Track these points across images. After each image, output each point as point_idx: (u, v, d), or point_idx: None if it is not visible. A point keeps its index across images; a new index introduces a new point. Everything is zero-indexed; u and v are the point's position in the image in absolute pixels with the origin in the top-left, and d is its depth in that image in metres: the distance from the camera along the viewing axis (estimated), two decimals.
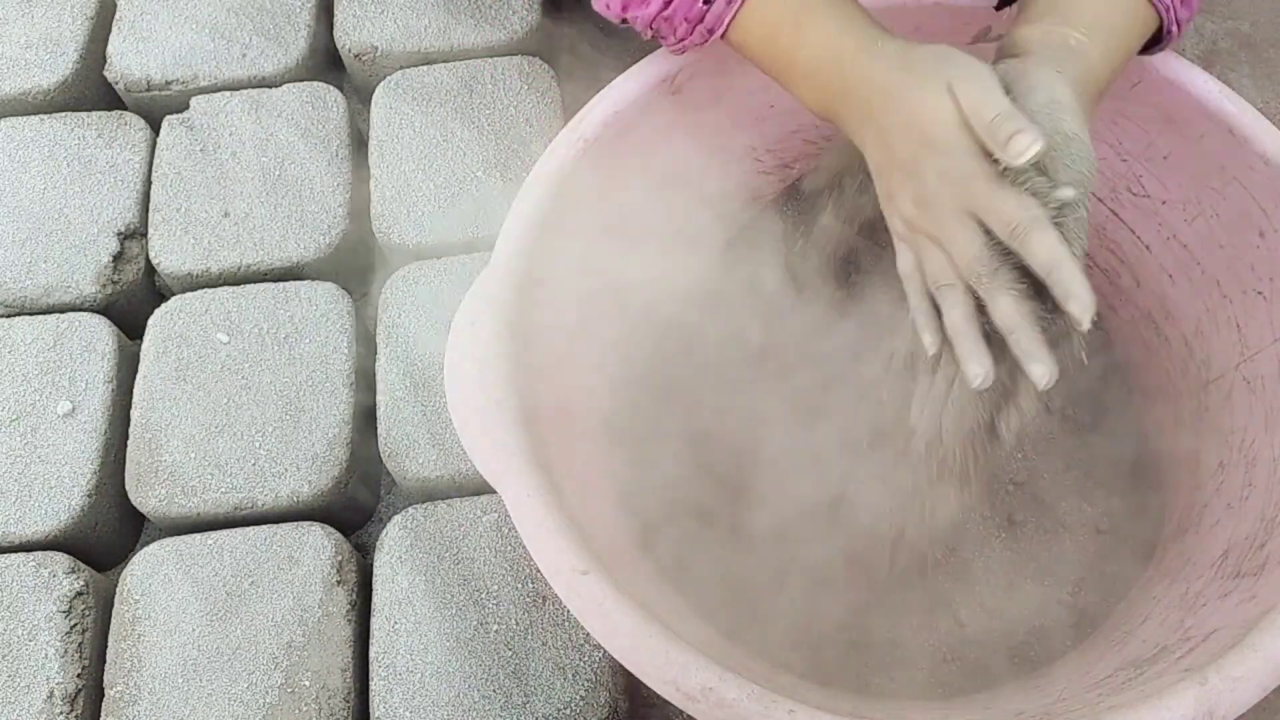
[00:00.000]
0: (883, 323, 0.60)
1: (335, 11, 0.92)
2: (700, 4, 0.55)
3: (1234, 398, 0.64)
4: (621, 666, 0.57)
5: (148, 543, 0.72)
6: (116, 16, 0.93)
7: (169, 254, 0.81)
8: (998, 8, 0.64)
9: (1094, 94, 0.53)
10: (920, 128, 0.49)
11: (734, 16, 0.55)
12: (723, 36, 0.56)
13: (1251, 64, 0.96)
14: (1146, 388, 0.71)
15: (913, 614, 0.65)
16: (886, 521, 0.64)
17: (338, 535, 0.70)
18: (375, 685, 0.64)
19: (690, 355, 0.74)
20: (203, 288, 0.79)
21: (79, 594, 0.68)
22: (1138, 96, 0.63)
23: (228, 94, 0.88)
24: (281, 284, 0.78)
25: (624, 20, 0.57)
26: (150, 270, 0.83)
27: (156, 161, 0.85)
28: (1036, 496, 0.69)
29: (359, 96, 0.94)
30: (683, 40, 0.57)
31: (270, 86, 0.88)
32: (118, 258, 0.82)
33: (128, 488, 0.72)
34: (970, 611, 0.65)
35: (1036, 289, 0.48)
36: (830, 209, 0.66)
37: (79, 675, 0.65)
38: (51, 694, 0.64)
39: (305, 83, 0.88)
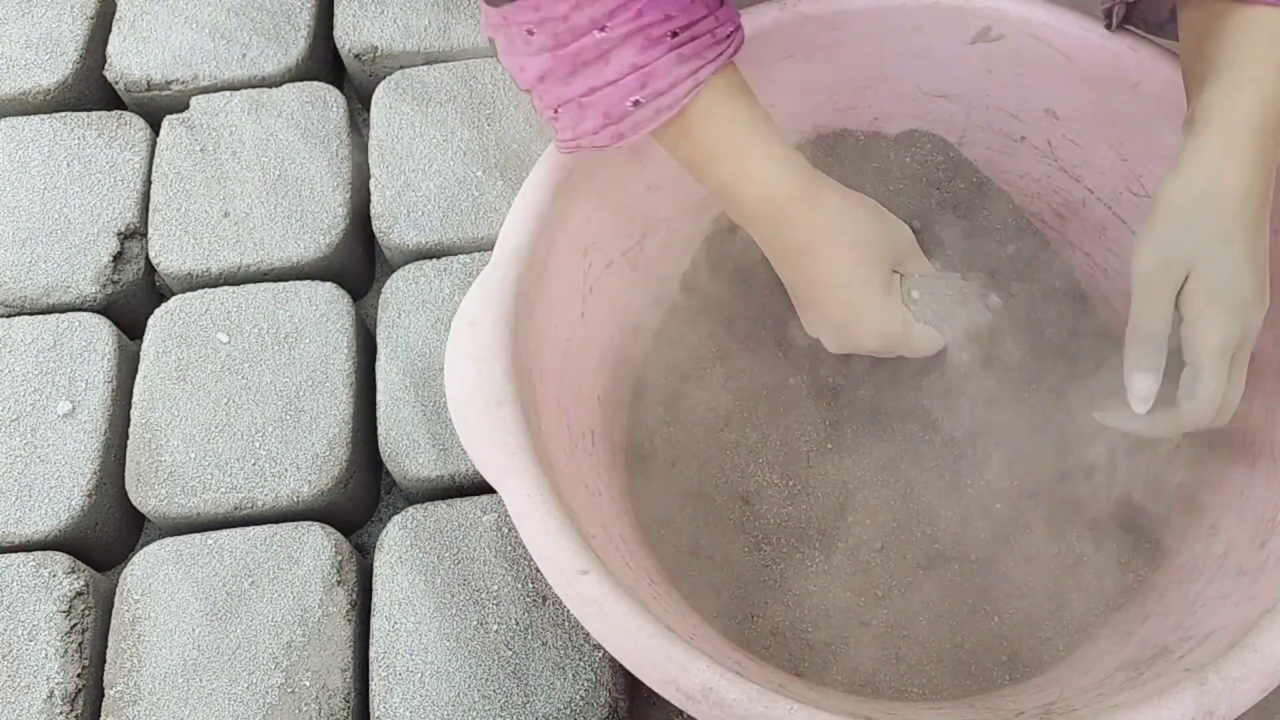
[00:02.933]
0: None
1: (335, 11, 0.92)
2: (628, 104, 0.52)
3: None
4: (621, 666, 0.57)
5: (148, 543, 0.72)
6: (116, 16, 0.93)
7: (169, 254, 0.81)
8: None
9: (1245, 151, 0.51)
10: (857, 322, 0.59)
11: (660, 127, 0.53)
12: (622, 145, 0.55)
13: None
14: None
15: (914, 615, 0.65)
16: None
17: (338, 535, 0.70)
18: (375, 685, 0.64)
19: (691, 353, 0.74)
20: (203, 288, 0.79)
21: (79, 594, 0.68)
22: (1138, 96, 0.63)
23: (228, 94, 0.88)
24: (281, 284, 0.78)
25: (529, 92, 0.54)
26: (150, 270, 0.83)
27: (156, 161, 0.85)
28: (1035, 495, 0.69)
29: (359, 96, 0.94)
30: (585, 134, 0.54)
31: (270, 86, 0.88)
32: (118, 258, 0.82)
33: (128, 488, 0.72)
34: (970, 613, 0.65)
35: None
36: None
37: (79, 675, 0.65)
38: (51, 694, 0.64)
39: (305, 83, 0.88)
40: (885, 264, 0.59)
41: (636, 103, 0.52)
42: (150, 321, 0.77)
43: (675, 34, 0.52)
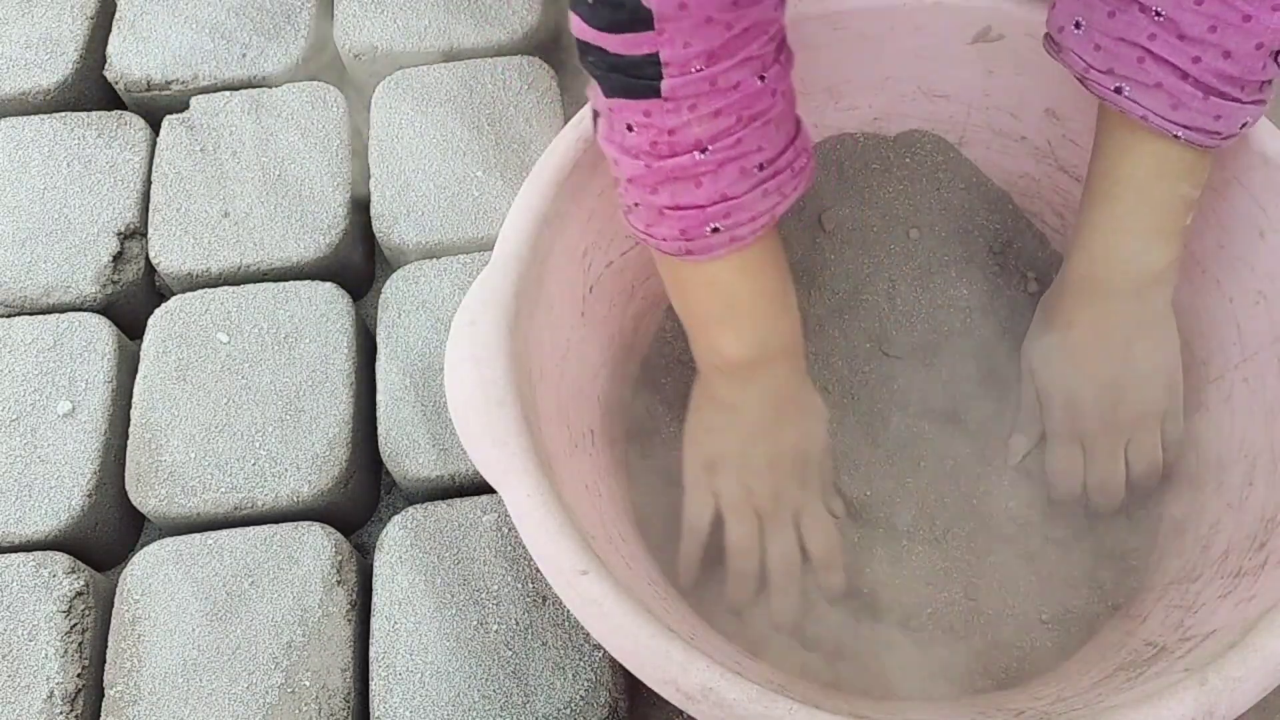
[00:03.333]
0: None
1: (335, 11, 0.92)
2: (707, 229, 0.53)
3: (1234, 398, 0.64)
4: (621, 666, 0.57)
5: (148, 543, 0.72)
6: (116, 16, 0.93)
7: (169, 254, 0.81)
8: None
9: (1153, 278, 0.60)
10: (798, 456, 0.63)
11: (719, 257, 0.54)
12: (689, 263, 0.55)
13: None
14: None
15: (914, 615, 0.65)
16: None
17: (338, 535, 0.70)
18: (375, 685, 0.64)
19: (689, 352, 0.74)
20: (203, 288, 0.79)
21: (79, 594, 0.68)
22: None
23: (228, 94, 0.87)
24: (281, 284, 0.78)
25: (616, 180, 0.54)
26: (150, 270, 0.83)
27: (156, 161, 0.85)
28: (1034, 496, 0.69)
29: (359, 96, 0.94)
30: (655, 237, 0.54)
31: (270, 86, 0.88)
32: (118, 258, 0.82)
33: (128, 488, 0.72)
34: (972, 613, 0.65)
35: None
36: None
37: (79, 675, 0.65)
38: (51, 694, 0.64)
39: (305, 83, 0.88)
40: (810, 468, 0.64)
41: (715, 229, 0.52)
42: (150, 321, 0.77)
43: (762, 166, 0.52)
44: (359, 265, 0.86)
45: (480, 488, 0.71)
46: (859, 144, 0.73)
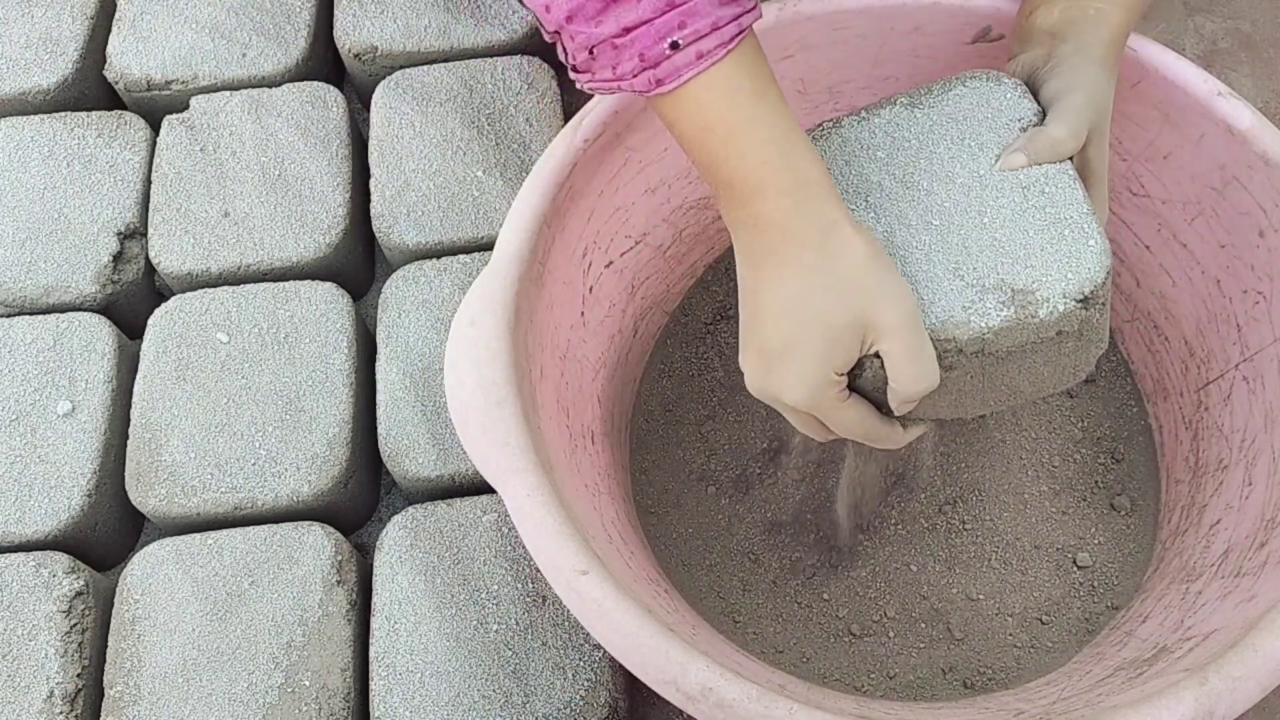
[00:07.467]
0: None
1: (335, 11, 0.92)
2: (665, 46, 0.46)
3: (1234, 398, 0.64)
4: (621, 666, 0.57)
5: (148, 543, 0.72)
6: (116, 16, 0.93)
7: (169, 254, 0.81)
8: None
9: (1116, 50, 0.55)
10: (824, 328, 0.48)
11: (692, 78, 0.47)
12: (663, 93, 0.48)
13: (1251, 64, 0.96)
14: (1146, 388, 0.71)
15: (915, 615, 0.65)
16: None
17: (338, 535, 0.70)
18: (375, 685, 0.64)
19: (690, 352, 0.74)
20: (203, 288, 0.79)
21: (79, 594, 0.68)
22: (1138, 96, 0.63)
23: (228, 94, 0.87)
24: (281, 284, 0.78)
25: (556, 34, 0.49)
26: (150, 270, 0.83)
27: (156, 161, 0.85)
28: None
29: (359, 96, 0.94)
30: (619, 79, 0.48)
31: (270, 86, 0.88)
32: (118, 258, 0.82)
33: (128, 488, 0.72)
34: (973, 614, 0.65)
35: None
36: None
37: (79, 675, 0.65)
38: (51, 694, 0.64)
39: (305, 83, 0.88)
40: (851, 332, 0.49)
41: (674, 44, 0.46)
42: (150, 321, 0.77)
43: None
44: (359, 265, 0.86)
45: (480, 488, 0.71)
46: None
